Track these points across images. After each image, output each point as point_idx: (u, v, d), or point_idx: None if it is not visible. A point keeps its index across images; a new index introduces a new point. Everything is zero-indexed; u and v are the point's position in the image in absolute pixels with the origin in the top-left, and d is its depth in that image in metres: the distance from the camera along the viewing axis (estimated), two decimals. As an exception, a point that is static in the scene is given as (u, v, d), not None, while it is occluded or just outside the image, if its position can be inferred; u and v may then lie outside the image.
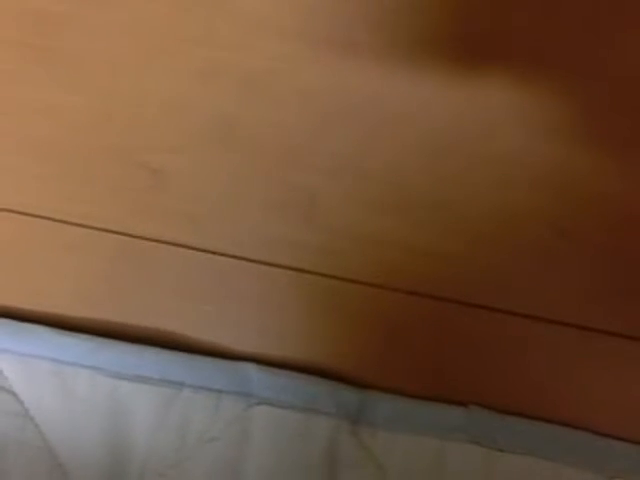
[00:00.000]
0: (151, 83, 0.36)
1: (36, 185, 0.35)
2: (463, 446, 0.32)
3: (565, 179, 0.35)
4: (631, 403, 0.34)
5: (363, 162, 0.35)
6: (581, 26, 0.35)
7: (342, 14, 0.36)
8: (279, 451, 0.32)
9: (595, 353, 0.34)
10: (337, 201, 0.35)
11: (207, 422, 0.33)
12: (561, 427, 0.33)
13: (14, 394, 0.33)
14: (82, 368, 0.33)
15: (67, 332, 0.33)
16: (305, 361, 0.34)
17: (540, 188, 0.35)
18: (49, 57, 0.36)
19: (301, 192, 0.35)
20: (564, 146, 0.35)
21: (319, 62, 0.36)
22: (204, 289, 0.35)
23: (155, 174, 0.35)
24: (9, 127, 0.36)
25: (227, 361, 0.34)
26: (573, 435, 0.33)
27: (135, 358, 0.33)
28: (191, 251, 0.35)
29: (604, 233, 0.35)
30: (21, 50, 0.36)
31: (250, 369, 0.33)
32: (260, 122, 0.35)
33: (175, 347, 0.34)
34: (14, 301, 0.35)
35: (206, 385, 0.33)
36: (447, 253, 0.34)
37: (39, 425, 0.33)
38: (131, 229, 0.35)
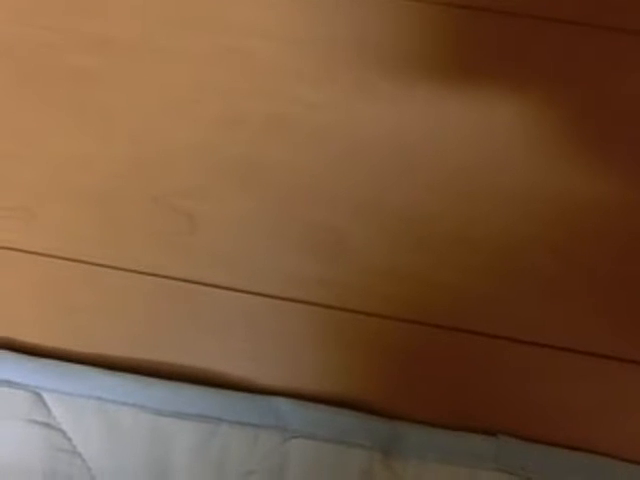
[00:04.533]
0: (180, 132, 0.38)
1: (75, 231, 0.38)
2: (493, 474, 0.33)
3: (570, 209, 0.36)
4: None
5: (384, 201, 0.37)
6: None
7: (355, 58, 0.38)
8: (314, 483, 0.34)
9: (622, 381, 0.35)
10: (359, 238, 0.36)
11: (244, 456, 0.34)
12: (588, 454, 0.34)
13: (63, 431, 0.35)
14: (125, 406, 0.35)
15: (111, 372, 0.35)
16: (335, 394, 0.36)
17: (548, 220, 0.36)
18: (83, 110, 0.38)
19: (327, 231, 0.37)
20: (567, 177, 0.36)
21: (335, 104, 0.37)
22: (237, 327, 0.36)
23: (187, 218, 0.37)
24: (47, 177, 0.38)
25: (262, 396, 0.35)
26: (601, 462, 0.34)
27: (175, 395, 0.35)
28: (223, 291, 0.37)
29: (608, 261, 0.36)
30: (57, 104, 0.39)
31: (284, 404, 0.35)
32: (285, 165, 0.37)
33: (211, 383, 0.36)
34: (61, 343, 0.37)
35: (242, 420, 0.34)
36: (464, 285, 0.36)
37: (86, 460, 0.35)
38: (167, 271, 0.37)
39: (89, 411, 0.35)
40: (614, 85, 0.37)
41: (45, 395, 0.35)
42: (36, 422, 0.35)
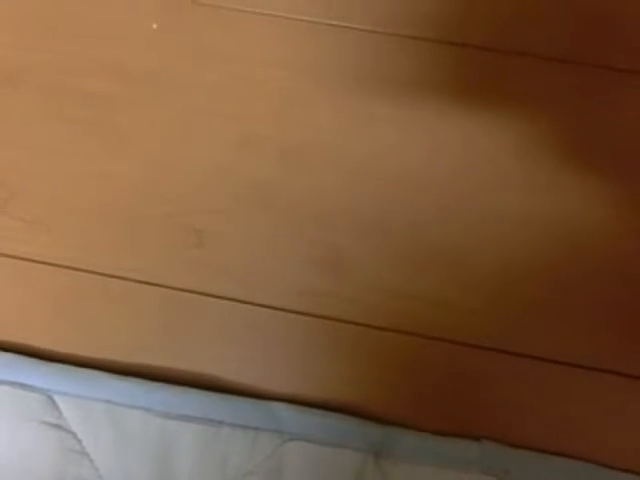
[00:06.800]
0: (195, 153, 0.41)
1: (89, 244, 0.40)
2: (478, 477, 0.35)
3: (571, 235, 0.39)
4: (634, 437, 0.37)
5: (385, 221, 0.39)
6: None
7: (363, 86, 0.41)
8: (311, 483, 0.36)
9: (601, 391, 0.37)
10: (362, 256, 0.39)
11: (245, 457, 0.36)
12: (568, 459, 0.36)
13: (73, 433, 0.37)
14: (133, 409, 0.37)
15: (120, 376, 0.37)
16: (332, 400, 0.38)
17: (547, 244, 0.39)
18: (101, 132, 0.41)
19: (330, 249, 0.39)
20: (569, 203, 0.39)
21: (343, 129, 0.40)
22: (241, 336, 0.39)
23: (198, 233, 0.40)
24: (65, 192, 0.41)
25: (262, 401, 0.37)
26: (580, 467, 0.36)
27: (180, 399, 0.37)
28: (229, 302, 0.39)
29: (606, 285, 0.38)
30: (78, 126, 0.41)
31: (283, 408, 0.37)
32: (292, 186, 0.40)
33: (216, 388, 0.38)
34: (74, 349, 0.39)
35: (244, 423, 0.36)
36: (462, 303, 0.38)
37: (94, 460, 0.37)
38: (175, 283, 0.39)
39: (99, 414, 0.37)
40: (609, 115, 0.40)
41: (57, 398, 0.37)
42: (48, 424, 0.37)
